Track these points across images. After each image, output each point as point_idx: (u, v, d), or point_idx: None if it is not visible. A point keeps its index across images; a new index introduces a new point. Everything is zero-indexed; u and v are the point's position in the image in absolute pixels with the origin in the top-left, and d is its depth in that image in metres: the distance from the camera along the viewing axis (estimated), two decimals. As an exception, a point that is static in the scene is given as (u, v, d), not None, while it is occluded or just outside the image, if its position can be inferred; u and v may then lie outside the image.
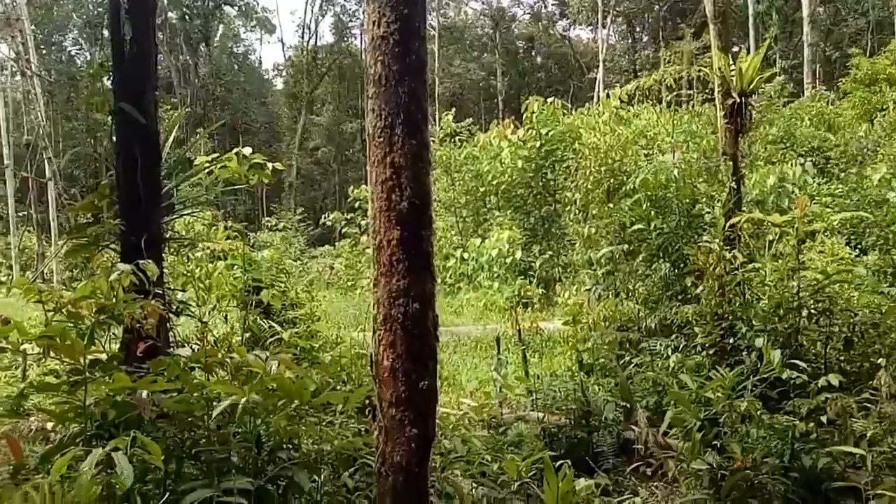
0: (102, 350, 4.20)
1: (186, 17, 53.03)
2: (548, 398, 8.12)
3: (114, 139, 5.56)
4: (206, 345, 5.91)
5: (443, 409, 6.34)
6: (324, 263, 27.93)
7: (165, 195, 5.88)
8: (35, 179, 29.68)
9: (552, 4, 61.85)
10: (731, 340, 7.73)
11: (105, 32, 40.10)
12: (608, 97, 19.53)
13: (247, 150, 6.61)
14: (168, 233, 6.07)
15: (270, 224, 32.77)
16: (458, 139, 25.07)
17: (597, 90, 41.34)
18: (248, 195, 46.90)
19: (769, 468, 5.69)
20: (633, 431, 7.37)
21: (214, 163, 6.56)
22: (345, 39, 59.79)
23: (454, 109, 28.82)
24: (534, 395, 8.36)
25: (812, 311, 7.45)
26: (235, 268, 8.95)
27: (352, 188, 26.72)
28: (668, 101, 18.10)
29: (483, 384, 9.51)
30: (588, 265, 11.85)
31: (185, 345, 5.41)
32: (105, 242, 5.67)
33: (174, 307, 5.69)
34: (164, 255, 5.74)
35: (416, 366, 3.46)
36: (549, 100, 22.04)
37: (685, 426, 6.11)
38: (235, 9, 59.21)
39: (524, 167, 21.75)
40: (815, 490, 5.78)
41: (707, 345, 7.91)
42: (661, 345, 8.79)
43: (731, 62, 8.99)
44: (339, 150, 57.00)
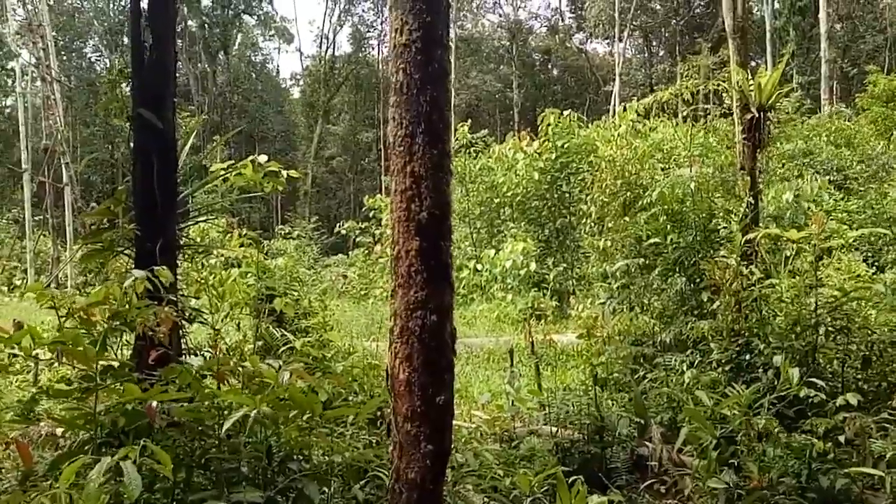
0: (115, 357, 4.18)
1: (206, 26, 53.41)
2: (561, 412, 8.01)
3: (131, 145, 5.58)
4: (219, 353, 5.89)
5: (455, 422, 6.28)
6: (337, 272, 27.93)
7: (181, 202, 5.88)
8: (52, 184, 29.95)
9: (569, 18, 62.10)
10: (748, 357, 7.61)
11: (125, 39, 40.51)
12: (624, 110, 19.49)
13: (262, 158, 6.62)
14: (183, 239, 6.06)
15: (284, 232, 32.89)
16: (474, 150, 25.04)
17: (613, 103, 41.24)
18: (264, 203, 47.11)
19: (786, 488, 5.59)
20: (648, 448, 7.26)
21: (230, 170, 6.56)
22: (362, 50, 60.05)
23: (470, 121, 28.85)
24: (547, 409, 8.26)
25: (829, 329, 7.31)
26: (249, 275, 8.95)
27: (366, 197, 26.82)
28: (685, 116, 18.02)
29: (496, 397, 9.41)
30: (603, 278, 11.75)
31: (198, 352, 5.38)
32: (120, 248, 5.67)
33: (187, 314, 5.67)
34: (179, 262, 5.73)
35: (433, 379, 3.40)
36: (566, 112, 21.93)
37: (700, 443, 6.02)
38: (254, 18, 59.70)
39: (539, 179, 21.64)
40: (833, 511, 5.67)
41: (723, 361, 7.79)
42: (677, 360, 8.66)
43: (750, 77, 8.95)
44: (355, 160, 57.24)
